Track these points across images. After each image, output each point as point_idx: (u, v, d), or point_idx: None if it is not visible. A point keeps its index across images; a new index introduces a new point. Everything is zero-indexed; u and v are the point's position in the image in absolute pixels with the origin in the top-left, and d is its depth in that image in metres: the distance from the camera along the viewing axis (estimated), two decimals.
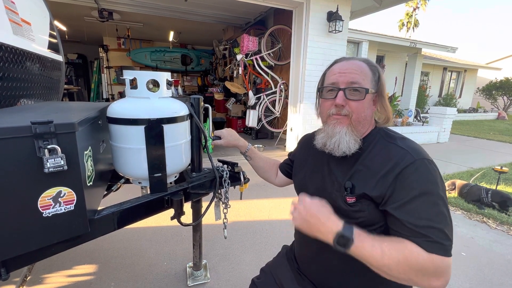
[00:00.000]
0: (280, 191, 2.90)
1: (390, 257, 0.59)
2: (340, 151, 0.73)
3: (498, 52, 69.77)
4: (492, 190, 2.72)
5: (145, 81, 0.97)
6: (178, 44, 8.90)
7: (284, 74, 5.12)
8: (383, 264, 0.59)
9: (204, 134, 1.18)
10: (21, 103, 1.11)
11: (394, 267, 0.58)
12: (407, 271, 0.59)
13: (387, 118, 0.79)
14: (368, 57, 0.80)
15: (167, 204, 1.05)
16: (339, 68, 0.76)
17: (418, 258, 0.59)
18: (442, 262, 0.59)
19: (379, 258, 0.59)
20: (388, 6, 4.88)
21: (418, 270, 0.59)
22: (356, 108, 0.73)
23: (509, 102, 13.73)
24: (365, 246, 0.60)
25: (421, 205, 0.63)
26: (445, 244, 0.61)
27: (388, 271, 0.59)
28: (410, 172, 0.65)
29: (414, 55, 9.15)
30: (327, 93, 0.77)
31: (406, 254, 0.59)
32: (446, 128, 6.25)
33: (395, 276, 0.60)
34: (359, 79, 0.73)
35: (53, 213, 0.67)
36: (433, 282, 0.59)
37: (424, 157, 0.66)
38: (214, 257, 1.83)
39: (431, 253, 0.59)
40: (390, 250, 0.59)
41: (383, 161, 0.69)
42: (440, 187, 0.64)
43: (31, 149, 0.61)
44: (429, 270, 0.59)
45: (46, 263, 1.67)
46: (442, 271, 0.59)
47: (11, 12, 1.04)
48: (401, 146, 0.70)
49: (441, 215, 0.62)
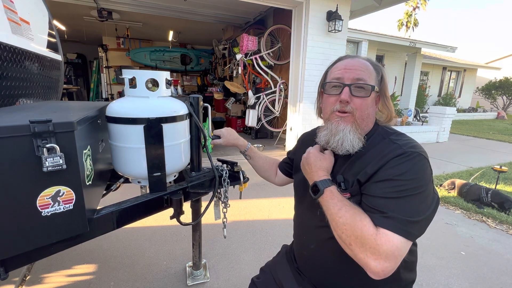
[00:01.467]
0: (280, 190, 2.90)
1: (342, 216, 0.63)
2: (344, 149, 0.73)
3: (497, 51, 69.89)
4: (493, 190, 2.72)
5: (144, 80, 0.97)
6: (177, 44, 8.89)
7: (284, 74, 5.11)
8: (333, 219, 0.65)
9: (204, 134, 1.18)
10: (20, 103, 1.11)
11: (341, 225, 0.62)
12: (349, 235, 0.61)
13: (390, 117, 0.79)
14: (368, 57, 0.81)
15: (167, 204, 1.05)
16: (344, 65, 0.76)
17: (363, 227, 0.60)
18: (387, 241, 0.57)
19: (334, 213, 0.65)
20: (388, 6, 4.88)
21: (358, 237, 0.59)
22: (360, 105, 0.73)
23: (509, 101, 13.74)
24: (329, 201, 0.67)
25: (395, 187, 0.62)
26: (399, 225, 0.58)
27: (336, 228, 0.64)
28: (398, 160, 0.65)
29: (414, 55, 9.16)
30: (331, 89, 0.77)
31: (356, 220, 0.61)
32: (446, 128, 6.26)
33: (339, 235, 0.63)
34: (365, 76, 0.73)
35: (52, 212, 0.67)
36: (370, 260, 0.57)
37: (416, 150, 0.66)
38: (214, 256, 1.83)
39: (378, 227, 0.59)
40: (346, 212, 0.63)
41: (376, 154, 0.70)
42: (424, 180, 0.63)
43: (30, 148, 0.61)
44: (368, 243, 0.58)
45: (46, 263, 1.67)
46: (384, 251, 0.56)
47: (10, 11, 1.03)
48: (394, 141, 0.70)
49: (411, 203, 0.60)
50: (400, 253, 0.57)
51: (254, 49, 4.97)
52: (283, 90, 5.09)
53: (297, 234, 0.92)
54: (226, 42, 6.95)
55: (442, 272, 1.75)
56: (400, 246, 0.57)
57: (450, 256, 1.92)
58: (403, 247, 0.58)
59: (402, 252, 0.58)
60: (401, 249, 0.57)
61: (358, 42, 7.91)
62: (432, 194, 0.65)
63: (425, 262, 1.84)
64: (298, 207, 0.93)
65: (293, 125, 4.63)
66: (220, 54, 7.70)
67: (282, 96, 5.11)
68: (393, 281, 0.73)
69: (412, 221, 0.59)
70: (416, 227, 0.60)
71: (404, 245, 0.58)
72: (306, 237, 0.85)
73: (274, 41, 5.27)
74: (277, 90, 5.05)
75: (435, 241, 2.10)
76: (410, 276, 0.78)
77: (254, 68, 5.20)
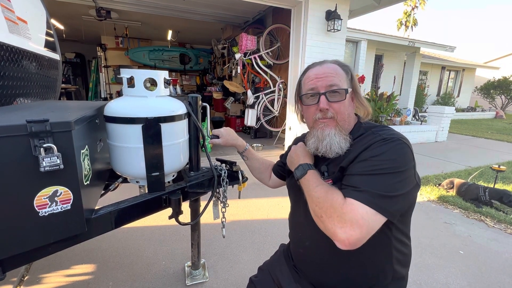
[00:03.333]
0: (279, 190, 2.88)
1: (317, 191, 0.67)
2: (333, 153, 0.75)
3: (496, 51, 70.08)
4: (490, 188, 2.73)
5: (143, 79, 0.96)
6: (176, 43, 8.86)
7: (283, 73, 5.11)
8: (309, 195, 0.70)
9: (202, 133, 1.17)
10: (17, 102, 1.10)
11: (315, 199, 0.67)
12: (321, 207, 0.64)
13: (367, 112, 0.82)
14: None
15: (165, 203, 1.04)
16: (315, 74, 0.79)
17: (333, 199, 0.63)
18: (352, 209, 0.59)
19: (311, 189, 0.69)
20: (387, 5, 4.88)
21: (328, 208, 0.62)
22: (339, 109, 0.76)
23: (507, 101, 13.78)
24: (309, 180, 0.72)
25: (372, 166, 0.64)
26: (367, 196, 0.60)
27: (311, 203, 0.68)
28: (378, 144, 0.67)
29: (413, 54, 9.16)
30: (309, 99, 0.80)
31: (328, 194, 0.65)
32: (444, 127, 6.27)
33: (313, 209, 0.67)
34: (337, 81, 0.76)
35: (50, 213, 0.67)
36: (336, 228, 0.59)
37: (397, 137, 0.68)
38: (213, 256, 1.83)
39: (346, 198, 0.62)
40: (321, 189, 0.68)
41: (360, 146, 0.72)
42: (403, 162, 0.64)
43: (27, 148, 0.61)
44: (336, 212, 0.60)
45: (44, 263, 1.66)
46: (349, 218, 0.58)
47: (7, 10, 1.03)
48: (376, 132, 0.73)
49: (384, 180, 0.62)
50: (365, 222, 0.58)
51: (253, 48, 4.97)
52: (282, 89, 5.08)
53: (293, 232, 0.93)
54: (225, 42, 6.94)
55: (441, 271, 1.76)
56: (365, 216, 0.59)
57: (449, 255, 1.93)
58: (370, 218, 0.59)
59: (367, 222, 0.59)
60: (366, 219, 0.58)
61: (357, 41, 7.92)
62: (411, 178, 0.66)
63: (424, 261, 1.84)
64: (292, 206, 0.94)
65: (292, 124, 4.63)
66: (219, 54, 7.69)
67: (281, 95, 5.11)
68: (386, 272, 0.75)
69: (382, 195, 0.60)
70: (387, 202, 0.61)
71: (371, 216, 0.59)
72: (301, 235, 0.86)
73: (273, 40, 5.27)
74: (276, 89, 5.05)
75: (433, 240, 2.11)
76: (403, 269, 0.79)
77: (253, 68, 5.19)
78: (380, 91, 7.41)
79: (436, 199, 2.92)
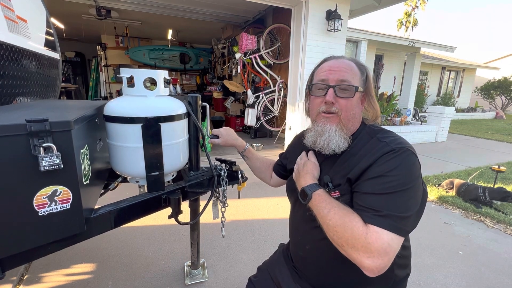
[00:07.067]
0: (279, 190, 2.88)
1: (331, 219, 0.64)
2: (330, 149, 0.74)
3: (496, 51, 70.03)
4: (489, 188, 2.74)
5: (142, 79, 0.96)
6: (176, 43, 8.86)
7: (283, 73, 5.11)
8: (323, 222, 0.66)
9: (202, 133, 1.17)
10: (17, 101, 1.10)
11: (332, 228, 0.63)
12: (341, 236, 0.61)
13: (376, 116, 0.80)
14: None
15: (165, 203, 1.04)
16: (329, 66, 0.77)
17: (353, 228, 0.60)
18: (377, 238, 0.57)
19: (324, 216, 0.65)
20: (387, 5, 4.87)
21: (350, 238, 0.59)
22: (345, 106, 0.74)
23: (507, 101, 13.78)
24: (318, 205, 0.68)
25: (385, 183, 0.63)
26: (389, 221, 0.58)
27: (327, 230, 0.65)
28: (387, 157, 0.66)
29: (413, 54, 9.16)
30: (317, 91, 0.78)
31: (346, 221, 0.61)
32: (444, 127, 6.27)
33: (331, 237, 0.64)
34: (349, 77, 0.74)
35: (49, 212, 0.67)
36: (363, 259, 0.57)
37: (403, 146, 0.67)
38: (212, 256, 1.83)
39: (368, 225, 0.59)
40: (335, 214, 0.64)
41: (364, 154, 0.70)
42: (413, 175, 0.64)
43: (26, 148, 0.61)
44: (360, 242, 0.58)
45: (43, 262, 1.66)
46: (375, 248, 0.56)
47: (7, 9, 1.03)
48: (381, 140, 0.71)
49: (401, 199, 0.61)
50: (392, 249, 0.57)
51: (253, 48, 4.96)
52: (282, 89, 5.08)
53: (293, 235, 0.92)
54: (226, 41, 6.94)
55: (440, 271, 1.76)
56: (391, 243, 0.57)
57: (448, 256, 1.93)
58: (395, 243, 0.58)
59: (393, 248, 0.58)
60: (392, 246, 0.57)
61: (358, 41, 7.91)
62: (420, 188, 0.66)
63: (423, 261, 1.85)
64: (292, 209, 0.94)
65: (292, 124, 4.62)
66: (219, 53, 7.69)
67: (281, 95, 5.11)
68: (387, 278, 0.74)
69: (402, 217, 0.59)
70: (406, 223, 0.60)
71: (396, 241, 0.58)
72: (301, 238, 0.85)
73: (274, 40, 5.26)
74: (276, 89, 5.05)
75: (433, 241, 2.11)
76: (404, 271, 0.79)
77: (253, 67, 5.19)
78: (380, 91, 7.42)
79: (435, 199, 2.93)
